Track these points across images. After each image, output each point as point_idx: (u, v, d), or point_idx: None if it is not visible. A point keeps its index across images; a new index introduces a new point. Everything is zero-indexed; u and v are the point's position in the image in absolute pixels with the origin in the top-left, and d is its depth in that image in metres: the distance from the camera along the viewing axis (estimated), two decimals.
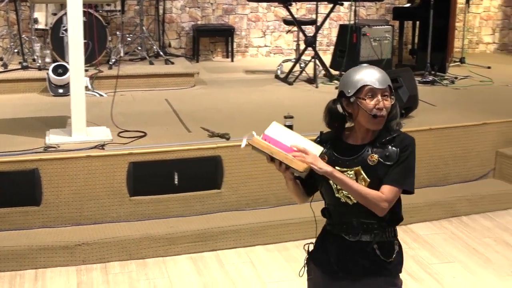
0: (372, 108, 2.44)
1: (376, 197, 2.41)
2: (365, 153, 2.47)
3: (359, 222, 2.49)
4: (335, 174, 2.40)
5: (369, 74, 2.47)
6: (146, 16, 8.22)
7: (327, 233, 2.61)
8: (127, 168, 4.62)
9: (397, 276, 2.56)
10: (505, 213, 5.41)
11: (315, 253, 2.64)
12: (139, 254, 4.41)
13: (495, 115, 5.92)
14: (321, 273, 2.60)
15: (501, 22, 9.91)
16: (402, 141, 2.47)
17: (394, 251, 2.53)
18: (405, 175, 2.46)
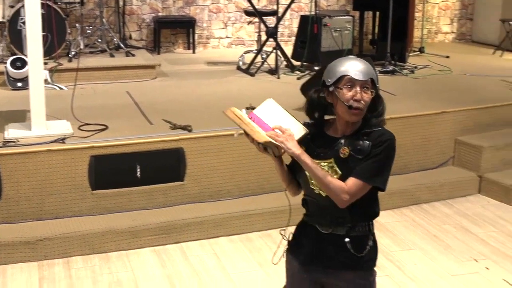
0: (349, 98, 2.40)
1: (337, 187, 2.39)
2: (338, 145, 2.45)
3: (332, 215, 2.47)
4: (302, 158, 2.38)
5: (351, 65, 2.43)
6: (106, 8, 8.13)
7: (304, 223, 2.61)
8: (88, 162, 4.58)
9: (369, 271, 2.55)
10: (464, 199, 5.52)
11: (292, 242, 2.64)
12: (101, 248, 4.39)
13: (454, 103, 6.02)
14: (296, 263, 2.61)
15: (459, 12, 10.05)
16: (378, 137, 2.43)
17: (367, 246, 2.51)
18: (375, 171, 2.41)
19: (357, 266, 2.50)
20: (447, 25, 10.06)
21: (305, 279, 2.59)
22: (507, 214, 5.24)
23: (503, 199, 5.45)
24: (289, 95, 5.28)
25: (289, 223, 2.67)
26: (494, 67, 8.00)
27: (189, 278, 4.12)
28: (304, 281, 2.60)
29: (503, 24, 8.92)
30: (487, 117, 6.02)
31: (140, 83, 6.80)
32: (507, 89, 6.75)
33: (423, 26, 9.32)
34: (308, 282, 2.59)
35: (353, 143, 2.43)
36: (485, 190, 5.62)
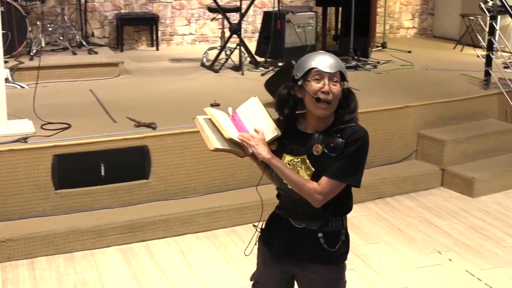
0: (317, 91, 2.40)
1: (311, 189, 2.40)
2: (312, 142, 2.45)
3: (305, 210, 2.48)
4: (273, 162, 2.41)
5: (320, 58, 2.44)
6: (68, 5, 8.04)
7: (277, 216, 2.62)
8: (51, 161, 4.53)
9: (340, 264, 2.58)
10: (427, 192, 5.60)
11: (264, 233, 2.66)
12: (66, 248, 4.34)
13: (416, 98, 6.10)
14: (268, 253, 2.62)
15: (420, 7, 10.17)
16: (351, 134, 2.42)
17: (340, 241, 2.52)
18: (349, 170, 2.42)
19: (330, 261, 2.52)
20: (408, 21, 10.18)
21: (276, 268, 2.61)
22: (468, 206, 5.33)
23: (465, 192, 5.54)
24: (253, 91, 5.27)
25: (261, 219, 2.69)
26: (455, 61, 8.12)
27: (156, 277, 4.11)
28: (274, 270, 2.62)
29: (463, 19, 9.05)
30: (449, 111, 6.12)
31: (103, 81, 6.74)
32: (468, 83, 6.86)
33: (385, 21, 9.41)
34: (279, 271, 2.62)
35: (326, 140, 2.43)
36: (447, 183, 5.70)
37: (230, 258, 4.35)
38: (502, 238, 4.75)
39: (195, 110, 5.36)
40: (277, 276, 2.63)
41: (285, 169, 2.42)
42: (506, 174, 5.71)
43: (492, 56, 6.57)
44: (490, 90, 6.47)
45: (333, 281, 2.57)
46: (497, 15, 6.73)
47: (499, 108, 6.46)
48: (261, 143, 2.41)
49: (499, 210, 5.25)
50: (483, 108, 6.36)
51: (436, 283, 4.09)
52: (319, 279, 2.54)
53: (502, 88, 6.44)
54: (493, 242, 4.67)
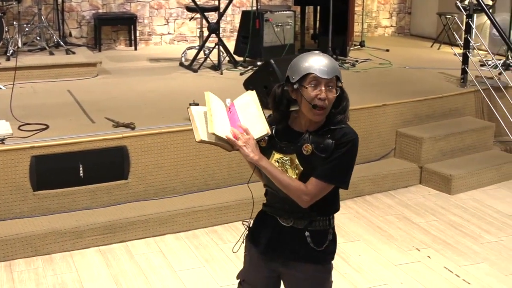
0: (313, 97, 2.37)
1: (298, 189, 2.39)
2: (302, 141, 2.44)
3: (291, 208, 2.48)
4: (260, 163, 2.40)
5: (316, 62, 2.39)
6: (45, 5, 7.97)
7: (264, 213, 2.62)
8: (29, 162, 4.50)
9: (327, 264, 2.58)
10: (406, 190, 5.64)
11: (252, 231, 2.65)
12: (45, 250, 4.32)
13: (394, 96, 6.14)
14: (255, 251, 2.62)
15: (397, 6, 10.23)
16: (342, 136, 2.41)
17: (327, 240, 2.52)
18: (338, 172, 2.41)
19: (317, 260, 2.52)
20: (386, 19, 10.23)
21: (263, 267, 2.61)
22: (446, 203, 5.38)
23: (443, 189, 5.59)
24: (232, 91, 5.29)
25: (251, 216, 2.68)
26: (432, 59, 8.19)
27: (135, 277, 4.09)
28: (261, 269, 2.62)
29: (440, 17, 9.13)
30: (426, 109, 6.16)
31: (81, 81, 6.70)
32: (445, 81, 6.92)
33: (363, 20, 9.46)
34: (266, 270, 2.61)
35: (316, 140, 2.42)
36: (425, 180, 5.75)
37: (210, 257, 4.35)
38: (479, 234, 4.80)
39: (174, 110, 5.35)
40: (264, 275, 2.63)
41: (273, 169, 2.41)
42: (483, 171, 5.76)
43: (469, 54, 6.63)
44: (467, 88, 6.53)
45: (319, 281, 2.57)
46: (473, 14, 6.80)
47: (475, 105, 6.52)
48: (249, 143, 2.38)
49: (477, 207, 5.30)
50: (460, 105, 6.42)
51: (415, 280, 4.13)
52: (305, 278, 2.54)
53: (479, 86, 6.51)
54: (471, 239, 4.72)
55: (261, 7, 7.78)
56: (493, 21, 6.35)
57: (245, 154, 2.39)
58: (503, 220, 5.06)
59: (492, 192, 5.64)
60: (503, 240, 4.72)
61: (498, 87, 6.49)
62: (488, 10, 6.54)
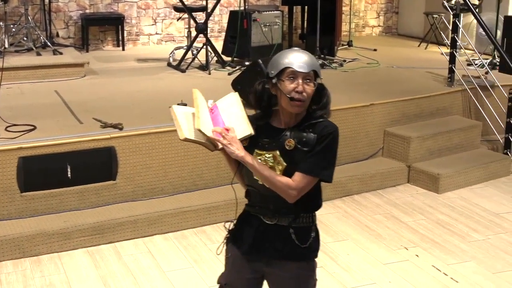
0: (291, 90, 2.43)
1: (285, 184, 2.42)
2: (284, 137, 2.47)
3: (276, 206, 2.50)
4: (246, 159, 2.42)
5: (295, 57, 2.46)
6: (31, 6, 7.94)
7: (247, 214, 2.62)
8: (16, 163, 4.48)
9: (311, 262, 2.59)
10: (394, 189, 5.66)
11: (234, 232, 2.65)
12: (33, 251, 4.30)
13: (382, 96, 6.16)
14: (238, 252, 2.61)
15: (385, 5, 10.26)
16: (323, 129, 2.45)
17: (310, 237, 2.54)
18: (321, 165, 2.45)
19: (301, 257, 2.54)
20: (374, 19, 10.26)
21: (246, 268, 2.60)
22: (434, 202, 5.40)
23: (431, 188, 5.62)
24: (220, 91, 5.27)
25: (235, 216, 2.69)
26: (419, 59, 8.22)
27: (124, 278, 4.09)
28: (245, 270, 2.61)
29: (427, 17, 9.17)
30: (414, 108, 6.19)
31: (69, 82, 6.68)
32: (432, 80, 6.94)
33: (351, 20, 9.49)
34: (249, 271, 2.61)
35: (298, 135, 2.45)
36: (413, 179, 5.77)
37: (199, 258, 4.35)
38: (467, 233, 4.83)
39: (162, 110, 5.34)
40: (247, 276, 2.62)
41: (259, 166, 2.43)
42: (470, 169, 5.79)
43: (456, 53, 6.67)
44: (454, 87, 6.56)
45: (304, 279, 2.57)
46: (460, 13, 6.83)
47: (463, 104, 6.56)
48: (233, 141, 2.41)
49: (464, 206, 5.33)
50: (448, 105, 6.45)
51: (403, 278, 4.14)
52: (290, 277, 2.54)
53: (466, 85, 6.54)
54: (459, 237, 4.74)
55: (248, 7, 7.79)
56: (480, 21, 6.39)
57: (230, 152, 2.41)
58: (490, 218, 5.09)
59: (480, 191, 5.67)
60: (490, 238, 4.75)
61: (485, 86, 6.53)
62: (474, 9, 6.58)
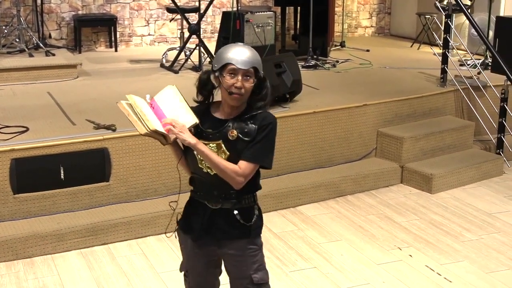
0: (230, 85, 2.59)
1: (233, 172, 2.59)
2: (226, 128, 2.64)
3: (219, 191, 2.68)
4: (198, 146, 2.56)
5: (237, 53, 2.61)
6: (24, 7, 7.92)
7: (193, 201, 2.79)
8: (9, 165, 4.46)
9: (257, 237, 2.78)
10: (387, 190, 5.67)
11: (183, 221, 2.83)
12: (26, 253, 4.29)
13: (375, 96, 6.17)
14: (190, 240, 2.79)
15: (377, 6, 10.28)
16: (262, 120, 2.63)
17: (254, 216, 2.74)
18: (263, 152, 2.64)
19: (247, 234, 2.73)
20: (366, 19, 10.28)
21: (200, 254, 2.78)
22: (428, 202, 5.41)
23: (424, 188, 5.63)
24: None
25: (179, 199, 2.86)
26: (412, 59, 8.24)
27: (118, 279, 4.08)
28: (200, 256, 2.79)
29: (420, 17, 9.19)
30: (407, 108, 6.20)
31: (61, 83, 6.66)
32: (425, 80, 6.96)
33: (344, 20, 9.50)
34: (204, 255, 2.79)
35: (240, 126, 2.63)
36: (406, 179, 5.78)
37: None
38: (460, 233, 4.84)
39: None
40: (204, 260, 2.81)
41: (210, 153, 2.58)
42: (463, 170, 5.81)
43: (448, 54, 6.68)
44: (447, 88, 6.58)
45: (252, 253, 2.76)
46: (452, 14, 6.85)
47: (455, 105, 6.57)
48: (184, 129, 2.56)
49: (457, 206, 5.34)
50: (440, 105, 6.47)
51: (397, 279, 4.15)
52: (240, 254, 2.74)
53: (458, 85, 6.56)
54: (452, 237, 4.76)
55: (241, 8, 7.79)
56: (472, 21, 6.41)
57: (182, 139, 2.55)
58: (483, 218, 5.11)
59: (472, 191, 5.68)
60: (483, 238, 4.76)
61: (477, 87, 6.55)
62: (466, 10, 6.59)
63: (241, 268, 2.76)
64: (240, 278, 2.77)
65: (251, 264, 2.76)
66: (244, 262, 2.75)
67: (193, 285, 2.88)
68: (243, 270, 2.76)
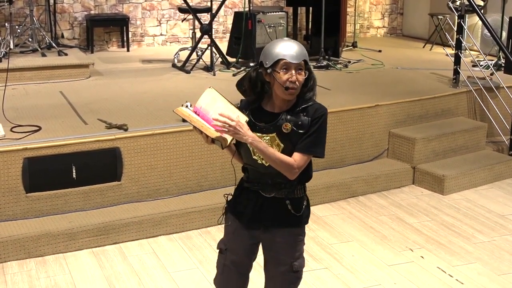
0: (285, 80, 2.65)
1: (288, 164, 2.66)
2: (280, 121, 2.70)
3: (273, 181, 2.75)
4: (255, 143, 2.61)
5: (286, 48, 2.67)
6: (36, 7, 7.96)
7: (245, 189, 2.86)
8: (22, 164, 4.48)
9: (303, 227, 2.87)
10: (399, 191, 5.65)
11: (233, 203, 2.90)
12: (38, 252, 4.31)
13: (387, 97, 6.15)
14: (237, 222, 2.87)
15: (389, 7, 10.25)
16: (315, 112, 2.70)
17: (303, 206, 2.83)
18: (316, 143, 2.70)
19: (296, 223, 2.82)
20: (378, 20, 10.25)
21: (246, 235, 2.86)
22: (439, 203, 5.39)
23: (436, 189, 5.61)
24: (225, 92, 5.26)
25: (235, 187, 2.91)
26: (424, 60, 8.21)
27: (129, 279, 4.09)
28: (244, 238, 2.87)
29: (432, 18, 9.16)
30: (419, 109, 6.18)
31: (74, 83, 6.69)
32: (437, 81, 6.93)
33: (356, 21, 9.48)
34: (248, 237, 2.87)
35: (294, 119, 2.69)
36: (418, 180, 5.76)
37: (203, 259, 4.35)
38: (472, 234, 4.82)
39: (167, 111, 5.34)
40: (246, 242, 2.88)
41: (267, 147, 2.64)
42: (476, 171, 5.78)
43: (461, 54, 6.65)
44: (459, 89, 6.55)
45: (298, 242, 2.85)
46: (465, 14, 6.82)
47: (468, 106, 6.54)
48: (240, 126, 2.59)
49: (469, 207, 5.32)
50: (453, 106, 6.44)
51: (408, 280, 4.13)
52: (286, 241, 2.82)
53: (471, 86, 6.53)
54: (464, 239, 4.73)
55: (253, 8, 7.78)
56: (485, 22, 6.38)
57: (242, 135, 2.59)
58: (495, 220, 5.08)
59: (485, 192, 5.65)
60: (495, 240, 4.73)
61: (490, 88, 6.52)
62: (479, 10, 6.56)
63: (284, 255, 2.82)
64: (281, 265, 2.84)
65: (294, 252, 2.83)
66: (289, 250, 2.82)
67: (228, 263, 2.92)
68: (285, 257, 2.83)
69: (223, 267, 2.94)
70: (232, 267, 2.92)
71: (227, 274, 2.94)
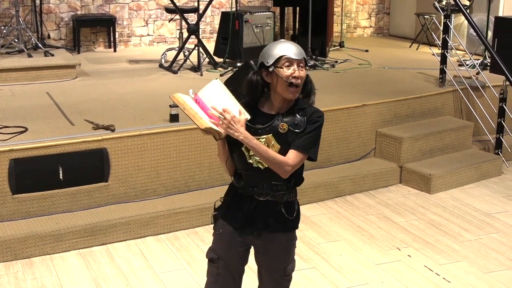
0: (289, 75, 2.67)
1: (282, 161, 2.66)
2: (276, 122, 2.72)
3: (269, 184, 2.75)
4: (247, 140, 2.62)
5: (286, 47, 2.71)
6: (22, 7, 7.92)
7: (237, 194, 2.84)
8: (8, 165, 4.46)
9: (294, 231, 2.88)
10: (386, 190, 5.67)
11: (225, 210, 2.87)
12: (24, 254, 4.28)
13: (374, 96, 6.17)
14: (230, 228, 2.84)
15: (376, 6, 10.28)
16: (313, 113, 2.73)
17: (295, 210, 2.84)
18: (311, 144, 2.71)
19: (289, 227, 2.83)
20: (365, 20, 10.28)
21: (237, 242, 2.84)
22: (426, 202, 5.42)
23: (423, 188, 5.63)
24: None
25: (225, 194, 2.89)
26: (411, 60, 8.24)
27: (116, 280, 4.08)
28: (235, 244, 2.85)
29: (418, 18, 9.20)
30: (406, 108, 6.20)
31: (60, 83, 6.66)
32: (424, 81, 6.96)
33: (343, 21, 9.50)
34: (240, 244, 2.85)
35: (290, 119, 2.71)
36: (405, 180, 5.79)
37: (191, 259, 4.35)
38: (459, 233, 4.84)
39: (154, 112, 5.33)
40: (239, 249, 2.86)
41: (260, 144, 2.64)
42: (462, 170, 5.81)
43: (447, 54, 6.68)
44: (446, 88, 6.58)
45: (291, 246, 2.87)
46: (451, 14, 6.85)
47: (454, 105, 6.58)
48: (235, 122, 2.60)
49: (456, 206, 5.35)
50: (439, 105, 6.47)
51: (395, 279, 4.15)
52: (280, 246, 2.83)
53: (457, 86, 6.56)
54: (451, 237, 4.76)
55: (240, 8, 7.78)
56: (471, 21, 6.41)
57: (232, 133, 2.60)
58: (481, 218, 5.11)
59: (471, 191, 5.69)
60: (481, 238, 4.76)
61: (476, 87, 6.56)
62: (465, 10, 6.59)
63: (277, 259, 2.84)
64: (274, 269, 2.86)
65: (288, 257, 2.86)
66: (282, 254, 2.84)
67: (222, 271, 2.89)
68: (279, 262, 2.85)
69: (217, 276, 2.89)
70: (226, 275, 2.89)
71: (222, 282, 2.90)
